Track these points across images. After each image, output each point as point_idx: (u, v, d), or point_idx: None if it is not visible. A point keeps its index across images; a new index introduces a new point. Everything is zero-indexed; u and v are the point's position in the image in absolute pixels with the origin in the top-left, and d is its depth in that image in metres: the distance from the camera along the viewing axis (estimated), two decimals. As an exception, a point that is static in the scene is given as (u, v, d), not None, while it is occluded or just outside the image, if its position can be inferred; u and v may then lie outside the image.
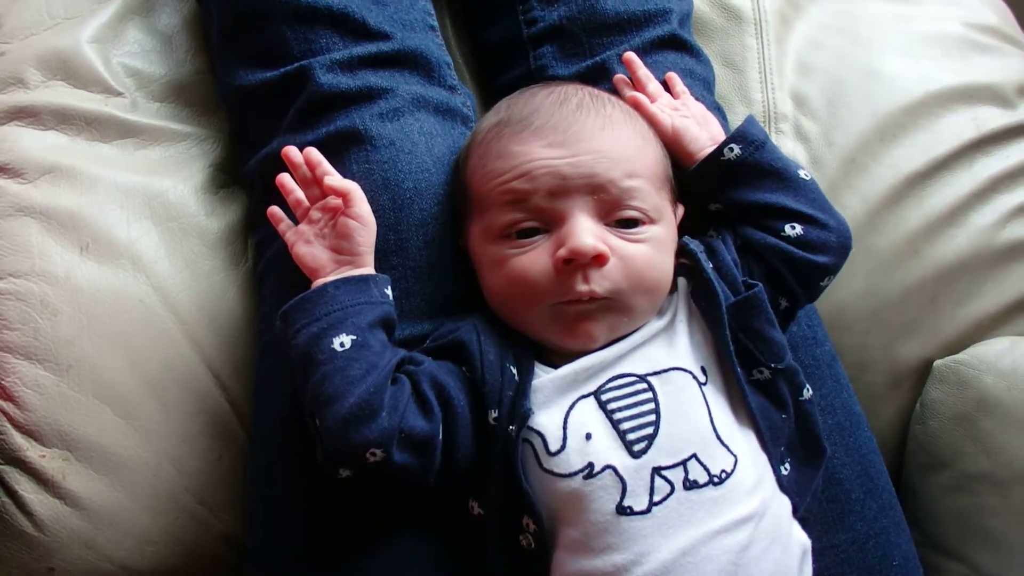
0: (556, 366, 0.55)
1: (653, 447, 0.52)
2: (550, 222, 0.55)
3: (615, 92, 0.64)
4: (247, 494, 0.63)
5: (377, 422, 0.50)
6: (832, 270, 0.60)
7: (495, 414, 0.52)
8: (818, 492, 0.61)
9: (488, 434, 0.53)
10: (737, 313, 0.56)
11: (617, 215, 0.55)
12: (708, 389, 0.55)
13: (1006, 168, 0.76)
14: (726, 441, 0.53)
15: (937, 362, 0.75)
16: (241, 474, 0.64)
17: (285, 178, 0.59)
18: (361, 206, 0.57)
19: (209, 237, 0.68)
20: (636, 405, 0.53)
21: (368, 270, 0.57)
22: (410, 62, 0.65)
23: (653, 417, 0.53)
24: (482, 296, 0.59)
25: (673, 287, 0.59)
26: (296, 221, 0.59)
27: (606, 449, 0.51)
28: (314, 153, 0.59)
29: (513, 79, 0.71)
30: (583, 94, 0.59)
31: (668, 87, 0.66)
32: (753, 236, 0.59)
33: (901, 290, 0.74)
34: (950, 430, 0.73)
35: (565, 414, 0.53)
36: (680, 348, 0.56)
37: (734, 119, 0.73)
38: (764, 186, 0.60)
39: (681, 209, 0.62)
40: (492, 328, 0.56)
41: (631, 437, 0.52)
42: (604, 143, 0.56)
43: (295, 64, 0.63)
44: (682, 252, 0.59)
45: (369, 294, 0.54)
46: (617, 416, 0.53)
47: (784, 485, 0.56)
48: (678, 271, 0.60)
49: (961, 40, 0.80)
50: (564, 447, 0.52)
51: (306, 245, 0.57)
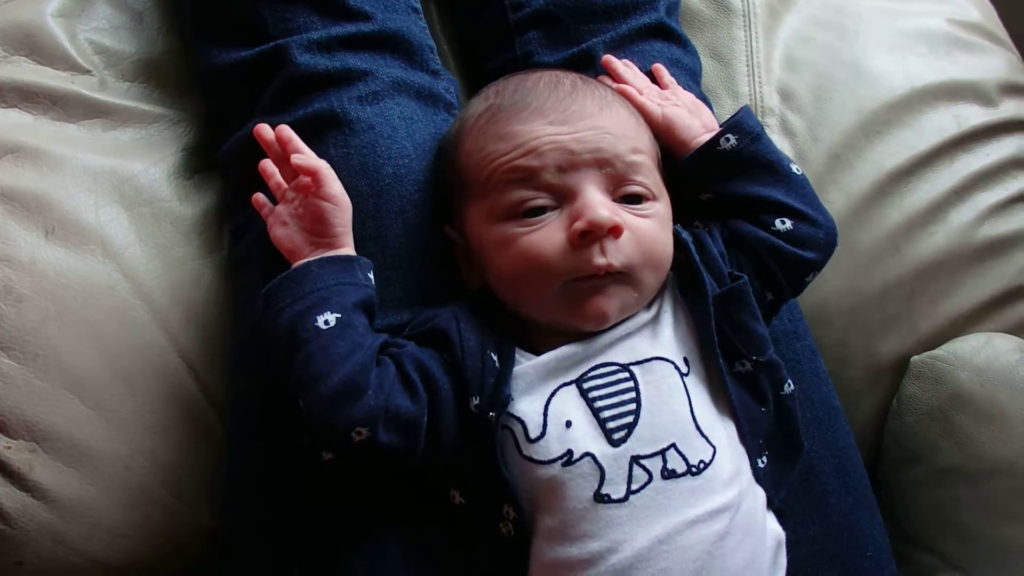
0: (538, 353, 0.54)
1: (632, 436, 0.52)
2: (560, 198, 0.54)
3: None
4: (224, 484, 0.62)
5: (363, 400, 0.50)
6: (818, 266, 0.61)
7: (476, 401, 0.52)
8: (794, 485, 0.61)
9: (469, 421, 0.53)
10: (722, 305, 0.56)
11: (623, 190, 0.55)
12: (690, 380, 0.55)
13: (986, 166, 0.77)
14: (705, 432, 0.53)
15: (914, 358, 0.76)
16: (216, 465, 0.63)
17: (267, 164, 0.58)
18: (332, 186, 0.56)
19: (183, 223, 0.66)
20: (617, 394, 0.53)
21: (350, 251, 0.56)
22: (391, 44, 0.64)
23: (634, 406, 0.53)
24: (462, 284, 0.59)
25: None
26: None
27: (585, 437, 0.51)
28: (285, 130, 0.57)
29: (498, 65, 0.70)
30: (574, 77, 0.59)
31: (655, 79, 0.66)
32: (743, 229, 0.60)
33: (881, 287, 0.75)
34: (925, 425, 0.74)
35: (546, 401, 0.53)
36: (664, 338, 0.56)
37: (721, 112, 0.73)
38: (757, 179, 0.60)
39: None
40: (472, 315, 0.55)
41: (611, 426, 0.52)
42: (605, 120, 0.55)
43: (271, 43, 0.61)
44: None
45: (353, 275, 0.54)
46: (598, 404, 0.53)
47: (760, 477, 0.56)
48: None
49: (946, 37, 0.81)
50: (544, 434, 0.52)
51: (282, 227, 0.56)
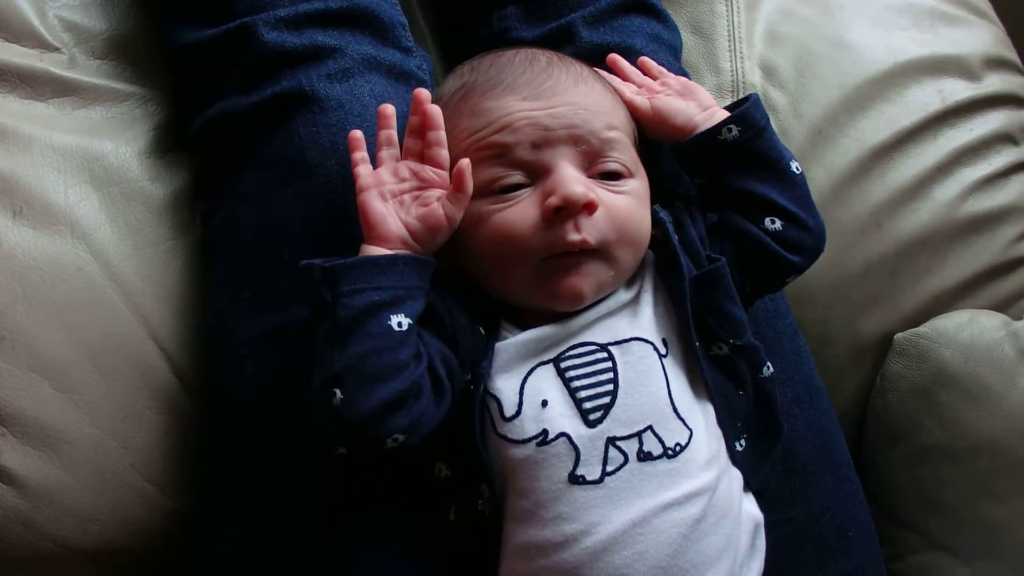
0: (524, 326, 0.54)
1: (609, 417, 0.51)
2: (534, 174, 0.53)
3: (578, 57, 0.62)
4: (199, 467, 0.62)
5: (408, 409, 0.48)
6: (801, 270, 0.60)
7: (467, 376, 0.52)
8: (775, 465, 0.61)
9: (461, 395, 0.52)
10: (699, 287, 0.55)
11: (599, 167, 0.54)
12: (668, 361, 0.54)
13: (969, 141, 0.76)
14: (682, 414, 0.53)
15: (897, 335, 0.75)
16: (189, 449, 0.62)
17: (389, 108, 0.54)
18: (462, 211, 0.52)
19: (154, 203, 0.65)
20: (595, 374, 0.53)
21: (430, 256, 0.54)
22: (361, 21, 0.63)
23: (611, 387, 0.52)
24: (443, 261, 0.58)
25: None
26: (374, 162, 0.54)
27: (561, 417, 0.51)
28: (438, 114, 0.53)
29: (476, 42, 0.69)
30: (549, 54, 0.58)
31: (644, 72, 0.65)
32: (733, 220, 0.59)
33: (863, 264, 0.74)
34: (908, 403, 0.74)
35: (522, 380, 0.52)
36: (643, 319, 0.55)
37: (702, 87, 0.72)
38: (755, 174, 0.59)
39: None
40: (454, 291, 0.55)
41: (587, 406, 0.51)
42: (580, 96, 0.55)
43: (238, 21, 0.61)
44: (651, 221, 0.58)
45: (426, 281, 0.51)
46: (575, 384, 0.52)
47: (738, 461, 0.56)
48: None
49: (930, 11, 0.80)
50: (519, 413, 0.51)
51: (380, 200, 0.52)
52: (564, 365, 0.53)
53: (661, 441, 0.51)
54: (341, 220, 0.57)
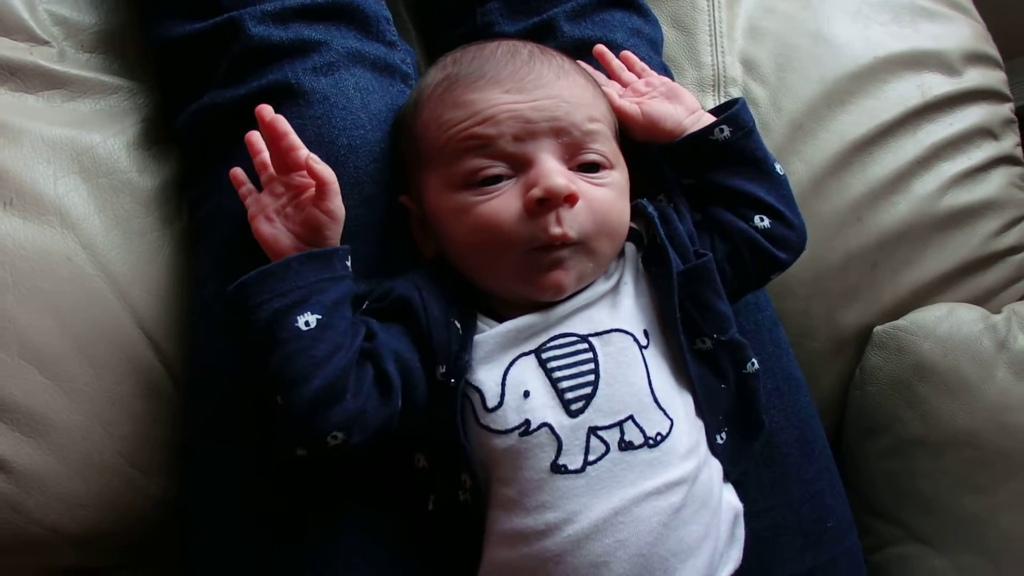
0: (501, 319, 0.54)
1: (590, 407, 0.52)
2: (516, 166, 0.54)
3: (560, 51, 0.62)
4: (183, 453, 0.62)
5: (342, 406, 0.49)
6: (786, 267, 0.62)
7: (443, 369, 0.52)
8: (755, 456, 0.61)
9: (437, 388, 0.53)
10: (686, 281, 0.56)
11: (580, 159, 0.55)
12: (649, 352, 0.55)
13: (949, 135, 0.77)
14: (663, 405, 0.53)
15: (877, 328, 0.76)
16: (175, 435, 0.63)
17: (254, 136, 0.56)
18: (335, 200, 0.54)
19: (142, 194, 0.66)
20: (576, 365, 0.53)
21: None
22: (346, 15, 0.63)
23: (592, 377, 0.53)
24: (419, 254, 0.59)
25: (620, 251, 0.59)
26: (257, 185, 0.56)
27: (543, 407, 0.51)
28: (281, 122, 0.54)
29: (459, 35, 0.69)
30: (532, 46, 0.58)
31: (627, 67, 0.65)
32: (724, 217, 0.60)
33: (843, 256, 0.75)
34: (888, 395, 0.75)
35: (504, 371, 0.53)
36: (623, 310, 0.56)
37: (681, 82, 0.72)
38: (743, 173, 0.60)
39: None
40: (432, 284, 0.55)
41: (569, 396, 0.52)
42: (562, 88, 0.55)
43: (224, 15, 0.61)
44: (636, 214, 0.59)
45: (333, 269, 0.52)
46: (556, 375, 0.53)
47: (718, 452, 0.57)
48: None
49: (909, 6, 0.80)
50: (501, 403, 0.52)
51: (268, 223, 0.54)
52: (546, 356, 0.53)
53: (642, 431, 0.52)
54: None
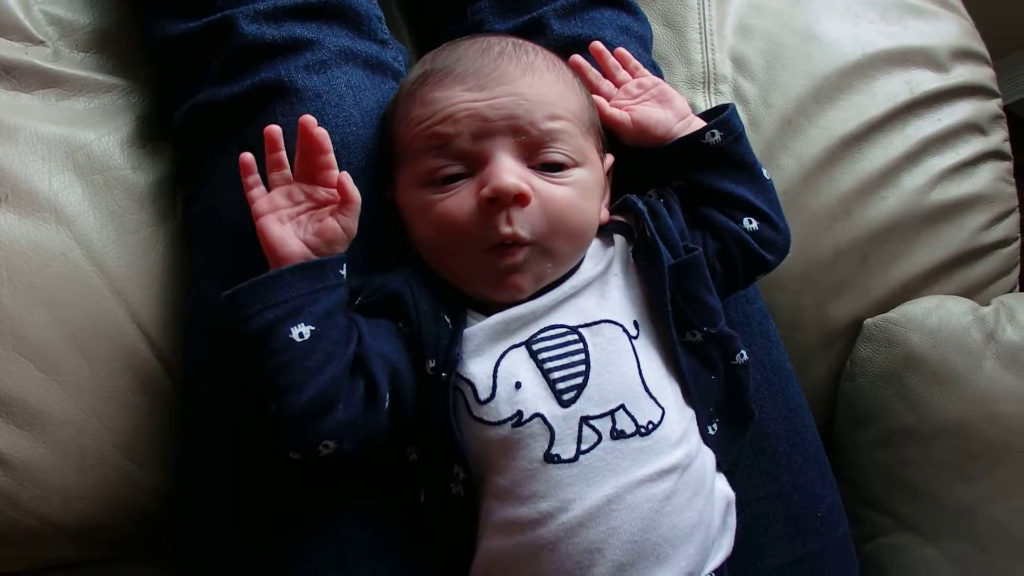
0: (489, 313, 0.55)
1: (582, 397, 0.52)
2: (473, 165, 0.54)
3: (549, 49, 0.63)
4: (180, 447, 0.63)
5: (333, 415, 0.50)
6: (771, 268, 0.63)
7: (432, 364, 0.53)
8: (745, 446, 0.62)
9: (426, 383, 0.53)
10: (676, 275, 0.56)
11: (540, 157, 0.55)
12: (639, 343, 0.55)
13: (937, 131, 0.77)
14: (654, 394, 0.54)
15: (867, 320, 0.76)
16: (170, 428, 0.63)
17: (275, 131, 0.55)
18: (356, 218, 0.54)
19: (136, 191, 0.66)
20: (567, 355, 0.53)
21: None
22: (338, 14, 0.64)
23: (583, 367, 0.53)
24: (411, 250, 0.59)
25: (609, 241, 0.59)
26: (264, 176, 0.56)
27: (535, 398, 0.52)
28: (326, 139, 0.54)
29: (451, 33, 0.69)
30: (506, 43, 0.59)
31: (621, 64, 0.66)
32: (715, 217, 0.61)
33: (833, 250, 0.75)
34: (878, 387, 0.75)
35: (495, 363, 0.53)
36: (612, 301, 0.56)
37: (671, 79, 0.73)
38: (732, 176, 0.61)
39: (610, 158, 0.62)
40: (422, 279, 0.56)
41: (561, 387, 0.52)
42: (524, 87, 0.55)
43: (218, 14, 0.62)
44: (625, 209, 0.59)
45: (326, 279, 0.52)
46: (548, 366, 0.53)
47: (709, 443, 0.57)
48: (615, 228, 0.60)
49: (898, 3, 0.81)
50: (494, 396, 0.52)
51: (278, 224, 0.53)
52: (536, 347, 0.53)
53: (634, 419, 0.52)
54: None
